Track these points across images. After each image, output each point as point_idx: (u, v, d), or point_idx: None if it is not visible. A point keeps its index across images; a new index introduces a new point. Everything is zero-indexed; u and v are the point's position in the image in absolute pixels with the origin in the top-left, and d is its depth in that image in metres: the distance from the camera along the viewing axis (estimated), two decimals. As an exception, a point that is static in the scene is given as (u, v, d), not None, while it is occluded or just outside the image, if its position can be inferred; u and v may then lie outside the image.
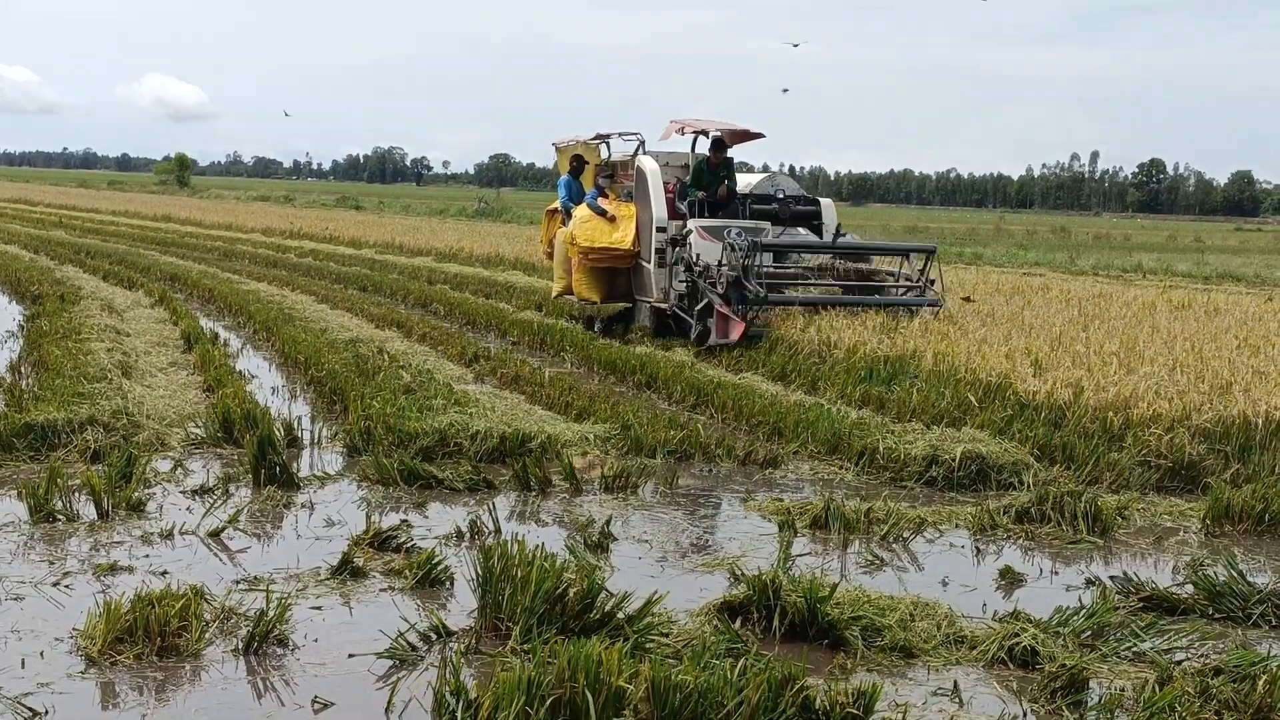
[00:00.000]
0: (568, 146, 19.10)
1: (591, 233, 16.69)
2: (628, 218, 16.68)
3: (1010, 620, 5.84)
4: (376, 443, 9.18)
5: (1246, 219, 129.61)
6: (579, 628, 5.45)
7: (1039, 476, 9.02)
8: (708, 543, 7.51)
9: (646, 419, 10.38)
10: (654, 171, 16.46)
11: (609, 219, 16.77)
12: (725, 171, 16.61)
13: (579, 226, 16.82)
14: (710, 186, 16.34)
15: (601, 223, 16.78)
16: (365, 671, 5.26)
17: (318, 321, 16.47)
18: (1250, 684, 5.06)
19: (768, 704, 4.53)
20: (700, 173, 16.57)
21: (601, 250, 16.64)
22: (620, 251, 16.61)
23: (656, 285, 16.10)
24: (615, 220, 16.73)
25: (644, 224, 16.42)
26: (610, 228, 16.71)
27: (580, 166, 18.34)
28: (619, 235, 16.62)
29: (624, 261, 16.74)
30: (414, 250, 33.44)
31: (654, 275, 16.12)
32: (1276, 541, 7.98)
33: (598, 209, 16.91)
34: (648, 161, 16.73)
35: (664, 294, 15.95)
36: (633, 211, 16.70)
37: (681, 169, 17.48)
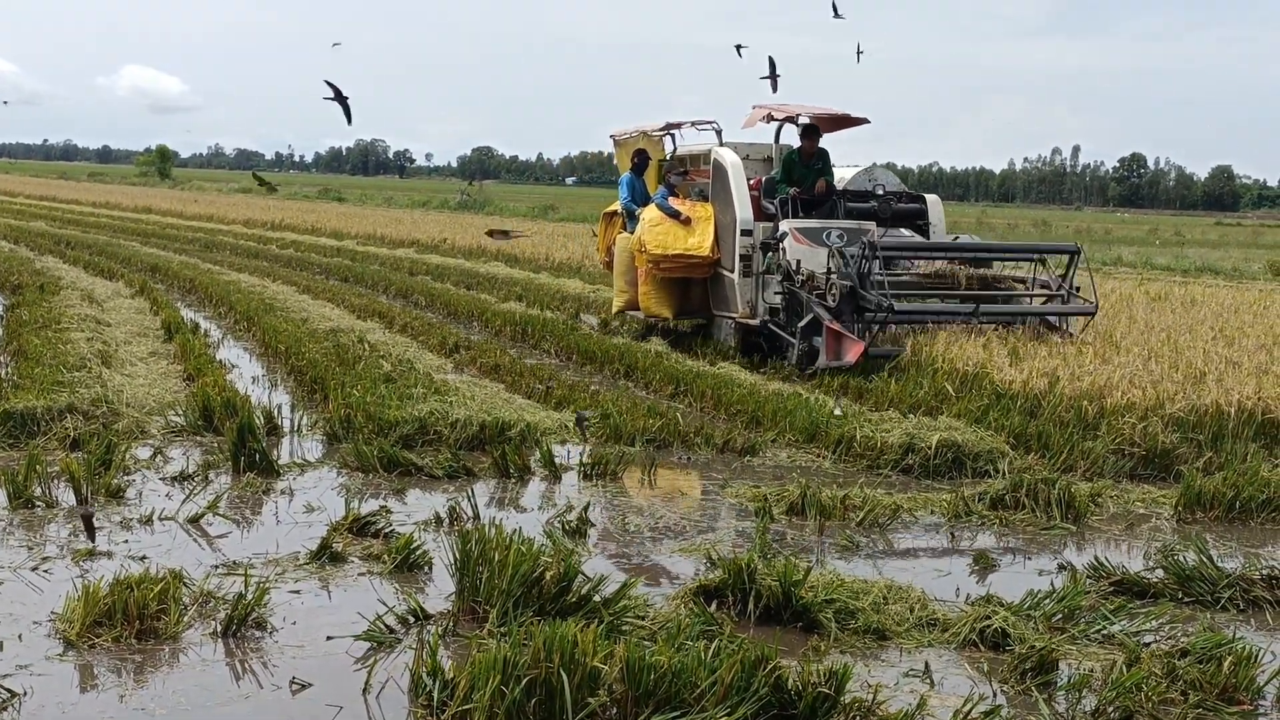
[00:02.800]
0: (628, 139, 16.91)
1: (663, 238, 14.43)
2: (705, 220, 14.46)
3: (982, 603, 5.92)
4: (356, 430, 9.22)
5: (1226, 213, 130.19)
6: (555, 610, 5.50)
7: (1014, 464, 9.09)
8: (685, 528, 7.57)
9: (625, 407, 10.44)
10: (735, 165, 14.31)
11: (683, 221, 14.47)
12: (820, 163, 14.56)
13: (648, 231, 14.50)
14: (803, 181, 14.31)
15: (674, 226, 14.47)
16: (343, 653, 5.31)
17: (299, 312, 16.48)
18: (1216, 665, 5.16)
19: (740, 683, 4.58)
20: (791, 165, 14.51)
21: (675, 258, 14.41)
22: (697, 259, 14.36)
23: (741, 298, 13.91)
24: (690, 223, 14.46)
25: (724, 227, 14.26)
26: (685, 232, 14.43)
27: (644, 162, 16.15)
28: (695, 240, 14.36)
29: (701, 271, 14.56)
30: (396, 242, 33.45)
31: (738, 286, 13.91)
32: (1246, 528, 8.08)
33: (669, 210, 14.58)
34: (727, 154, 14.58)
35: (750, 307, 13.86)
36: (710, 213, 14.51)
37: (764, 163, 15.64)
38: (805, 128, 14.65)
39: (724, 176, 14.30)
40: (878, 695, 4.73)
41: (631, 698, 4.53)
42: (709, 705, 4.52)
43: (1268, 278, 31.93)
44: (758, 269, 13.79)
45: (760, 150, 15.74)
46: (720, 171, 14.42)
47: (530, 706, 4.47)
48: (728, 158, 14.42)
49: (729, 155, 14.47)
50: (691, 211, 14.54)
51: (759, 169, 15.34)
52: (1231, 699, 5.04)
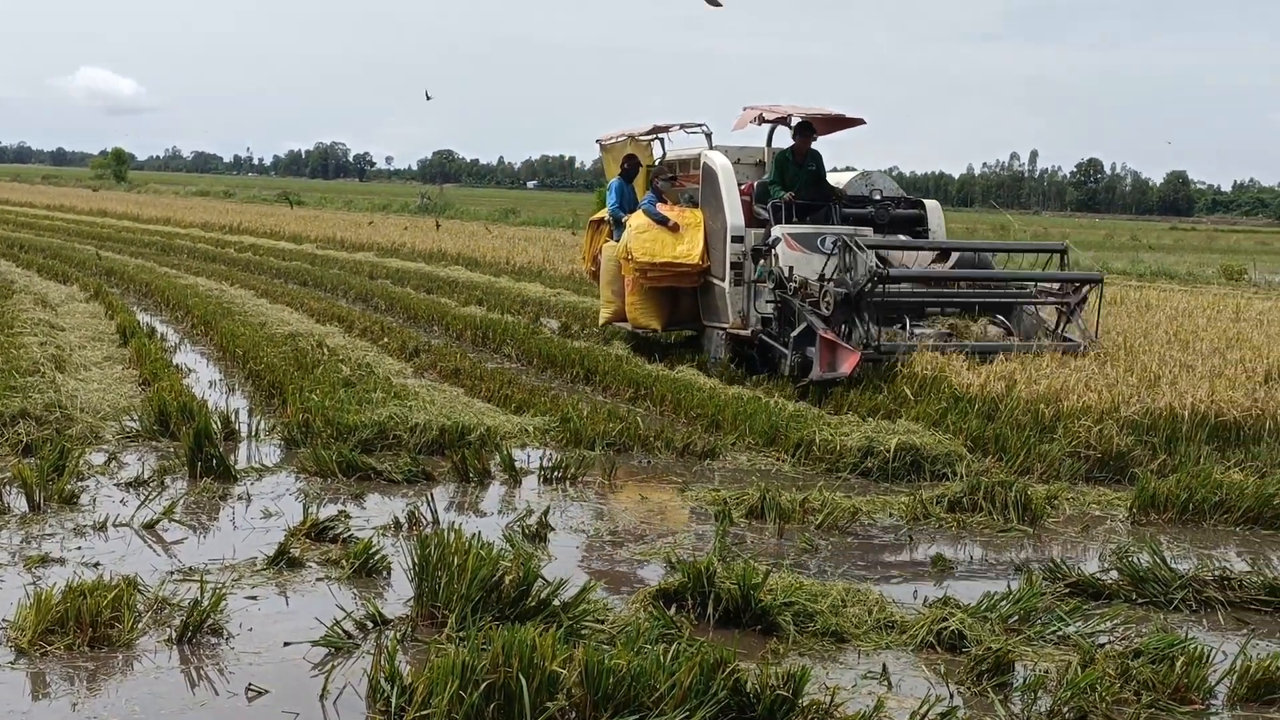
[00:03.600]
0: (616, 144, 16.15)
1: (651, 245, 13.78)
2: (694, 226, 13.82)
3: (940, 605, 5.95)
4: (315, 435, 9.18)
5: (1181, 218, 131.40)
6: (515, 614, 5.49)
7: (971, 467, 9.17)
8: (645, 531, 7.58)
9: (586, 411, 10.44)
10: (725, 168, 13.68)
11: (671, 228, 13.83)
12: (814, 165, 13.98)
13: (635, 239, 13.87)
14: (795, 183, 13.64)
15: (662, 233, 13.83)
16: (301, 659, 5.28)
17: (257, 316, 16.37)
18: (1169, 665, 5.22)
19: (699, 686, 4.59)
20: (783, 165, 13.84)
21: (663, 266, 13.78)
22: (686, 267, 13.71)
23: (732, 307, 13.29)
24: (679, 230, 13.81)
25: (714, 233, 13.60)
26: (673, 239, 13.78)
27: (634, 169, 15.45)
28: (684, 248, 13.73)
29: (690, 280, 13.88)
30: (356, 245, 33.32)
31: (729, 295, 13.32)
32: (1199, 529, 8.17)
33: (657, 216, 13.95)
34: (717, 157, 13.90)
35: (741, 317, 13.22)
36: (699, 219, 13.87)
37: (756, 167, 14.89)
38: (799, 125, 14.04)
39: (714, 181, 13.71)
40: (836, 697, 4.75)
41: (590, 701, 4.53)
42: (668, 708, 4.52)
43: (1221, 282, 32.29)
44: (749, 277, 13.16)
45: (751, 154, 15.07)
46: (710, 176, 13.81)
47: (489, 711, 4.47)
48: (718, 161, 13.79)
49: (719, 159, 13.84)
50: (680, 218, 13.96)
51: (750, 173, 14.67)
52: (1183, 699, 5.09)
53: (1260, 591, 6.53)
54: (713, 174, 13.72)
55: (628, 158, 15.48)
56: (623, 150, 15.72)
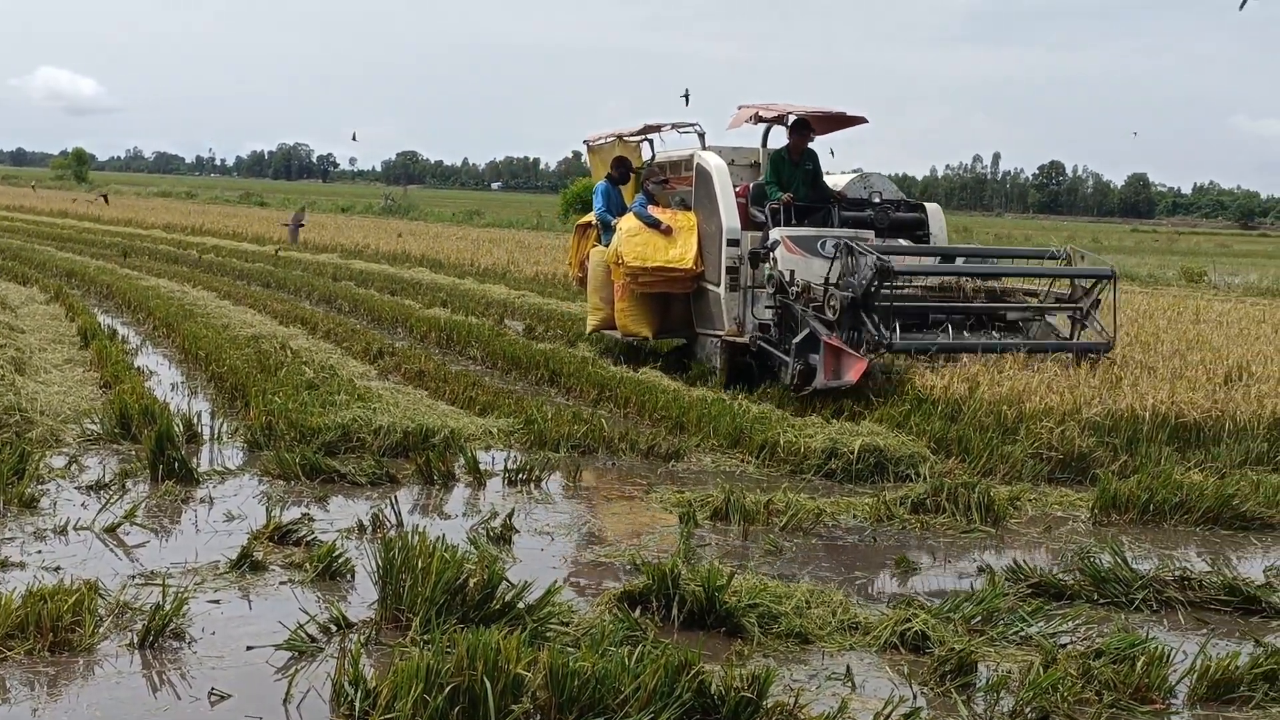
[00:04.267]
0: (604, 145, 15.53)
1: (642, 249, 13.28)
2: (687, 230, 13.31)
3: (903, 606, 5.98)
4: (278, 438, 9.13)
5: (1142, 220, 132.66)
6: (479, 617, 5.48)
7: (935, 468, 9.21)
8: (610, 534, 7.58)
9: (550, 413, 10.44)
10: (720, 169, 13.20)
11: (663, 231, 13.33)
12: (810, 164, 13.48)
13: (626, 242, 13.36)
14: (792, 183, 13.11)
15: (654, 237, 13.34)
16: (264, 663, 5.25)
17: (220, 318, 16.27)
18: (1129, 665, 5.27)
19: (664, 689, 4.60)
20: (780, 165, 13.28)
21: (655, 271, 13.24)
22: (679, 272, 13.21)
23: (728, 313, 12.77)
24: (671, 233, 13.33)
25: (708, 237, 13.11)
26: (665, 243, 13.28)
27: (624, 172, 14.91)
28: (677, 252, 13.21)
29: (683, 285, 13.39)
30: (319, 247, 33.18)
31: (724, 301, 12.78)
32: (1160, 529, 8.24)
33: (648, 219, 13.44)
34: (711, 158, 13.44)
35: (737, 324, 12.73)
36: (693, 222, 13.35)
37: (751, 168, 14.35)
38: (796, 123, 13.45)
39: (708, 182, 13.21)
40: (800, 699, 4.76)
41: (555, 704, 4.53)
42: (632, 711, 4.53)
43: (1182, 284, 32.59)
44: (745, 282, 12.69)
45: (746, 154, 14.50)
46: (704, 177, 13.32)
47: (453, 714, 4.45)
48: (712, 162, 13.30)
49: (713, 159, 13.36)
50: (673, 221, 13.44)
51: (745, 174, 14.13)
52: (1144, 698, 5.13)
53: (1220, 591, 6.59)
54: (707, 175, 13.27)
55: (616, 159, 14.94)
56: (611, 152, 15.18)
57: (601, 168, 15.20)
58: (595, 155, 15.70)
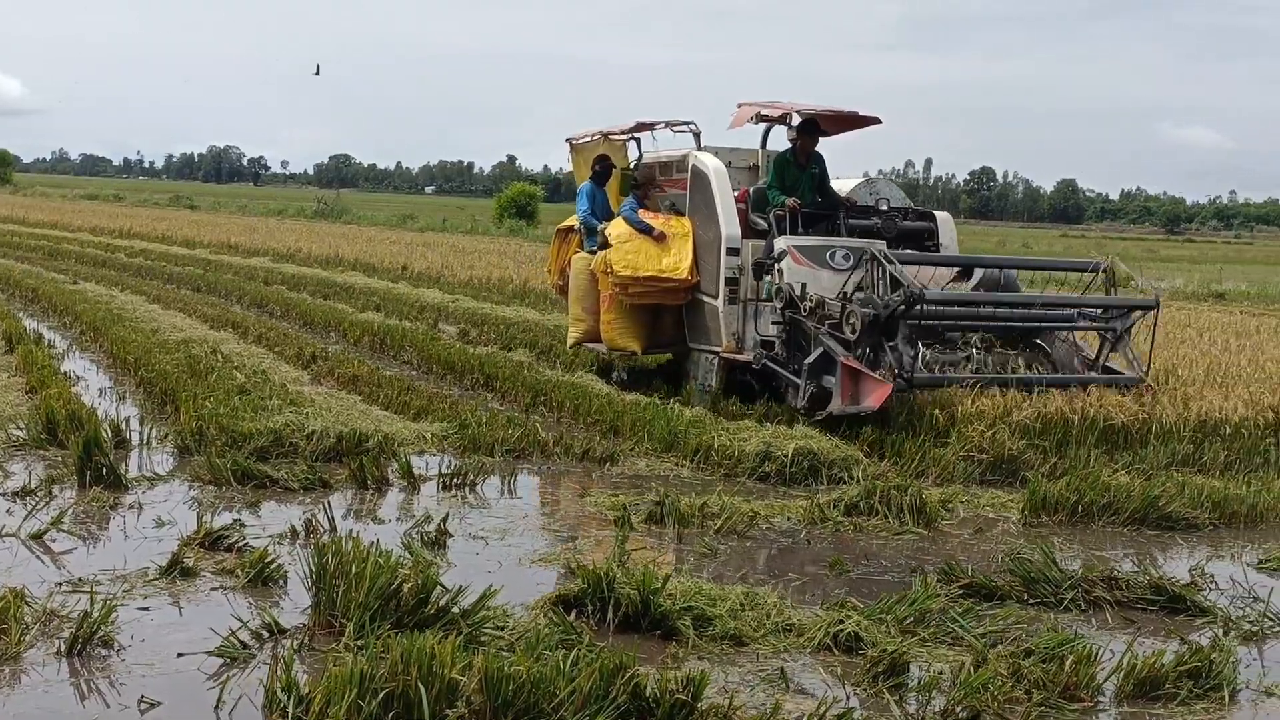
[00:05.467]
0: (587, 143, 14.42)
1: (633, 258, 12.27)
2: (681, 237, 12.36)
3: (836, 608, 6.03)
4: (209, 443, 9.03)
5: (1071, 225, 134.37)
6: (414, 622, 5.45)
7: (868, 471, 9.29)
8: (545, 538, 7.57)
9: (485, 418, 10.41)
10: (718, 172, 12.28)
11: (656, 238, 12.35)
12: (817, 168, 12.52)
13: (615, 250, 12.36)
14: (797, 188, 12.19)
15: (646, 244, 12.35)
16: (195, 670, 5.20)
17: (149, 322, 16.07)
18: (1058, 664, 5.35)
19: (599, 692, 4.61)
20: (784, 167, 12.31)
21: (648, 282, 12.27)
22: (674, 283, 12.23)
23: (725, 328, 11.86)
24: (665, 240, 12.35)
25: (705, 245, 12.18)
26: (658, 250, 12.31)
27: (606, 171, 13.80)
28: (671, 261, 12.25)
29: (676, 296, 12.43)
30: (250, 250, 32.88)
31: (722, 315, 11.87)
32: (1088, 530, 8.36)
33: (640, 225, 12.46)
34: (708, 159, 12.50)
35: (736, 340, 11.84)
36: (688, 228, 12.41)
37: (749, 171, 13.46)
38: (803, 123, 12.54)
39: (705, 186, 12.27)
40: (734, 700, 4.79)
41: (490, 709, 4.52)
42: (568, 715, 4.53)
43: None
44: (745, 294, 11.81)
45: (744, 156, 13.52)
46: (700, 180, 12.37)
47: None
48: (710, 164, 12.37)
49: (711, 161, 12.44)
50: (666, 227, 12.45)
51: (743, 178, 13.18)
52: (1073, 696, 5.21)
53: (1146, 591, 6.70)
54: (704, 178, 12.32)
55: (599, 158, 13.83)
56: (594, 150, 14.06)
57: (585, 168, 14.16)
58: (578, 154, 14.61)
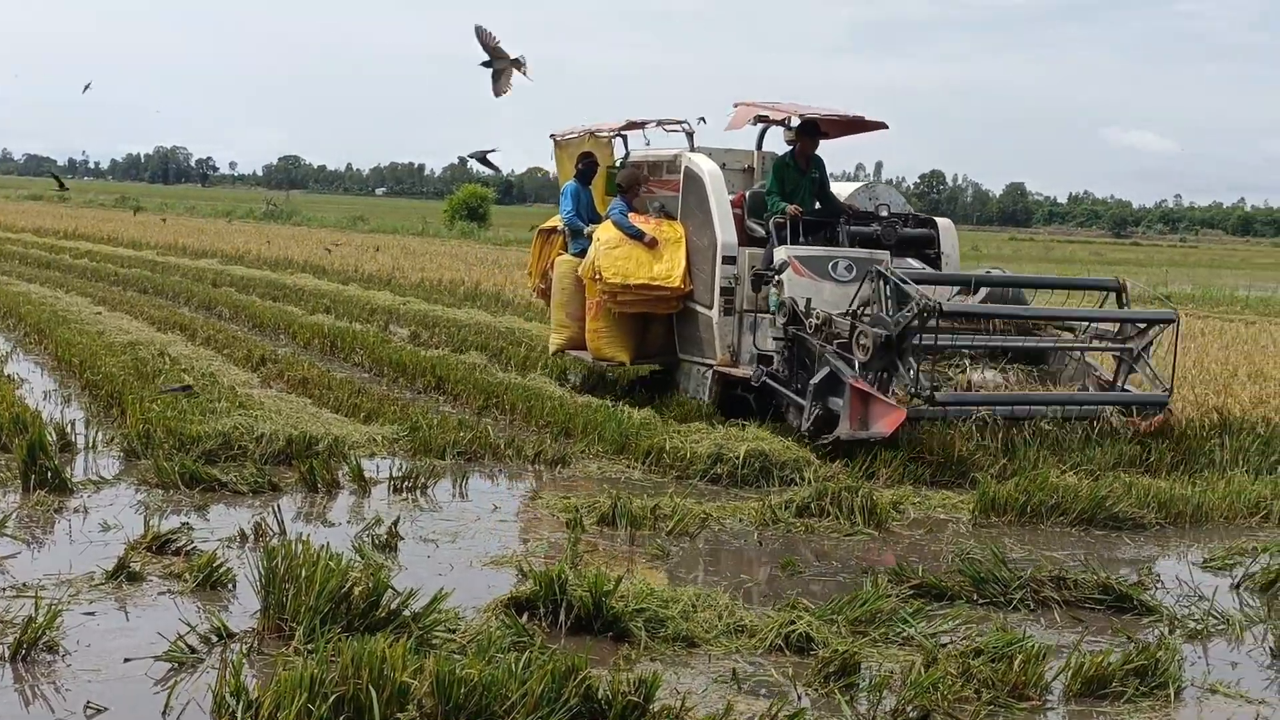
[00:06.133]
0: (571, 140, 13.75)
1: (623, 264, 11.66)
2: (673, 243, 11.78)
3: (788, 609, 6.05)
4: (156, 446, 8.94)
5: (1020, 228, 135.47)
6: (364, 626, 5.43)
7: (819, 473, 9.32)
8: (497, 540, 7.55)
9: (436, 420, 10.37)
10: (713, 175, 11.70)
11: (647, 244, 11.73)
12: (818, 173, 11.97)
13: (604, 255, 11.70)
14: (797, 194, 11.64)
15: (636, 249, 11.72)
16: (142, 675, 5.14)
17: (94, 324, 15.91)
18: (1007, 663, 5.39)
19: (551, 694, 4.60)
20: (784, 174, 11.74)
21: (639, 290, 11.66)
22: (666, 291, 11.66)
23: (720, 340, 11.31)
24: (656, 246, 11.75)
25: (699, 252, 11.63)
26: (649, 257, 11.70)
27: (590, 169, 13.17)
28: (663, 268, 11.67)
29: (668, 305, 11.86)
30: (198, 252, 32.62)
31: (716, 326, 11.32)
32: (1037, 530, 8.43)
33: (630, 229, 11.81)
34: (703, 161, 11.91)
35: (731, 353, 11.29)
36: (680, 234, 11.84)
37: (743, 174, 12.86)
38: (803, 125, 11.99)
39: (699, 189, 11.68)
40: (686, 702, 4.79)
41: (442, 712, 4.51)
42: (519, 717, 4.52)
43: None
44: (741, 305, 11.29)
45: (738, 158, 12.89)
46: (694, 183, 11.79)
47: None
48: (705, 166, 11.77)
49: (706, 163, 11.83)
50: (657, 231, 11.82)
51: (737, 181, 12.56)
52: (1022, 695, 5.26)
53: (1094, 590, 6.76)
54: (698, 181, 11.73)
55: (583, 155, 13.21)
56: (579, 147, 13.43)
57: (569, 165, 13.48)
58: (563, 151, 13.90)
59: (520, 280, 25.45)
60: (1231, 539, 8.36)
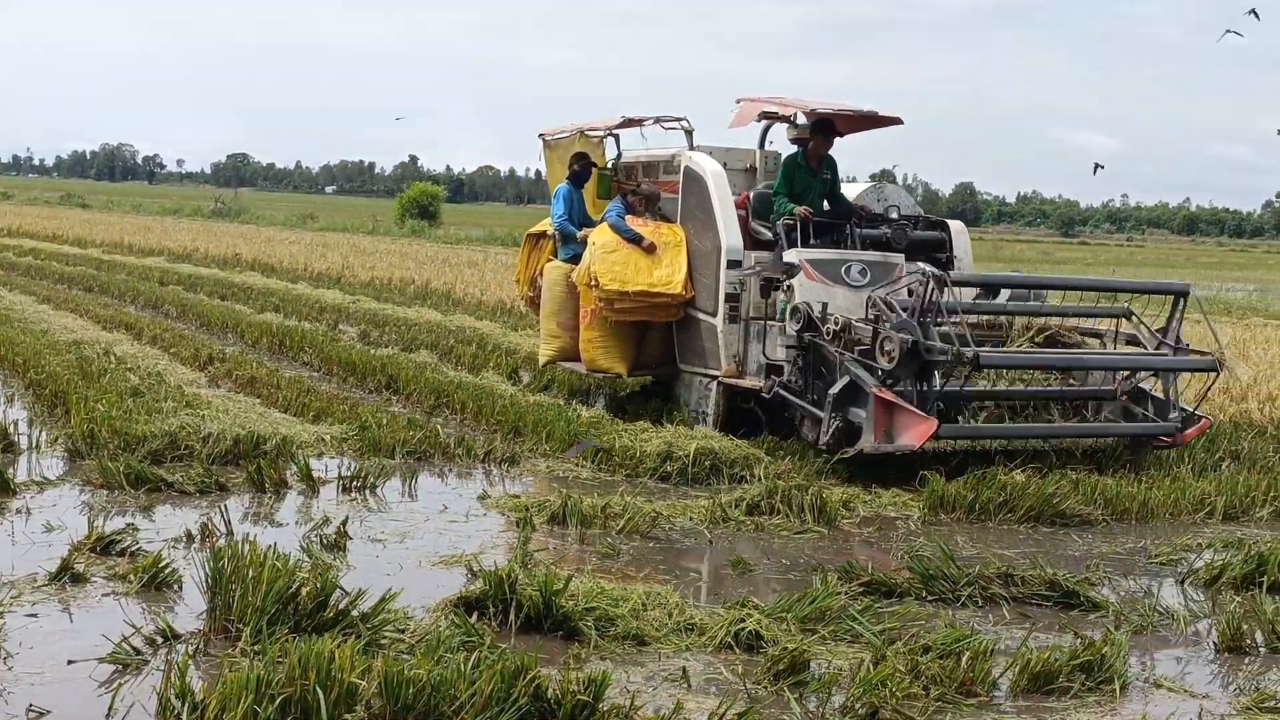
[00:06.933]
0: (562, 139, 13.14)
1: (621, 269, 11.03)
2: (674, 247, 11.20)
3: (738, 607, 6.06)
4: (101, 446, 8.84)
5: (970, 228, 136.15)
6: (312, 626, 5.39)
7: (769, 470, 9.34)
8: (446, 540, 7.51)
9: (385, 420, 10.32)
10: (716, 175, 11.14)
11: (646, 248, 11.15)
12: (829, 173, 11.44)
13: (601, 260, 11.07)
14: (807, 195, 11.11)
15: (635, 254, 11.11)
16: (86, 678, 5.08)
17: (38, 323, 15.71)
18: (955, 660, 5.42)
19: (500, 694, 4.58)
20: (794, 172, 11.22)
21: (638, 296, 11.05)
22: (667, 298, 11.06)
23: (724, 349, 10.75)
24: (655, 250, 11.18)
25: (701, 256, 11.04)
26: (649, 262, 11.10)
27: (585, 171, 12.50)
28: (663, 273, 11.08)
29: (668, 313, 11.26)
30: (145, 250, 32.31)
31: (721, 335, 10.77)
32: (985, 528, 8.50)
33: (628, 233, 11.22)
34: (705, 160, 11.37)
35: (736, 362, 10.76)
36: (681, 237, 11.25)
37: (745, 173, 12.26)
38: (817, 122, 11.35)
39: (701, 190, 11.13)
40: (635, 700, 4.79)
41: (390, 712, 4.48)
42: (468, 717, 4.50)
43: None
44: (747, 312, 10.74)
45: (739, 157, 12.29)
46: (696, 183, 11.22)
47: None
48: (706, 166, 11.23)
49: (708, 163, 11.29)
50: (656, 235, 11.25)
51: (738, 181, 11.92)
52: (970, 692, 5.29)
53: (1041, 587, 6.82)
54: (700, 182, 11.17)
55: (576, 155, 12.53)
56: (570, 147, 12.79)
57: (560, 167, 12.78)
58: (553, 151, 13.28)
59: (470, 279, 25.43)
60: (1176, 535, 8.46)
